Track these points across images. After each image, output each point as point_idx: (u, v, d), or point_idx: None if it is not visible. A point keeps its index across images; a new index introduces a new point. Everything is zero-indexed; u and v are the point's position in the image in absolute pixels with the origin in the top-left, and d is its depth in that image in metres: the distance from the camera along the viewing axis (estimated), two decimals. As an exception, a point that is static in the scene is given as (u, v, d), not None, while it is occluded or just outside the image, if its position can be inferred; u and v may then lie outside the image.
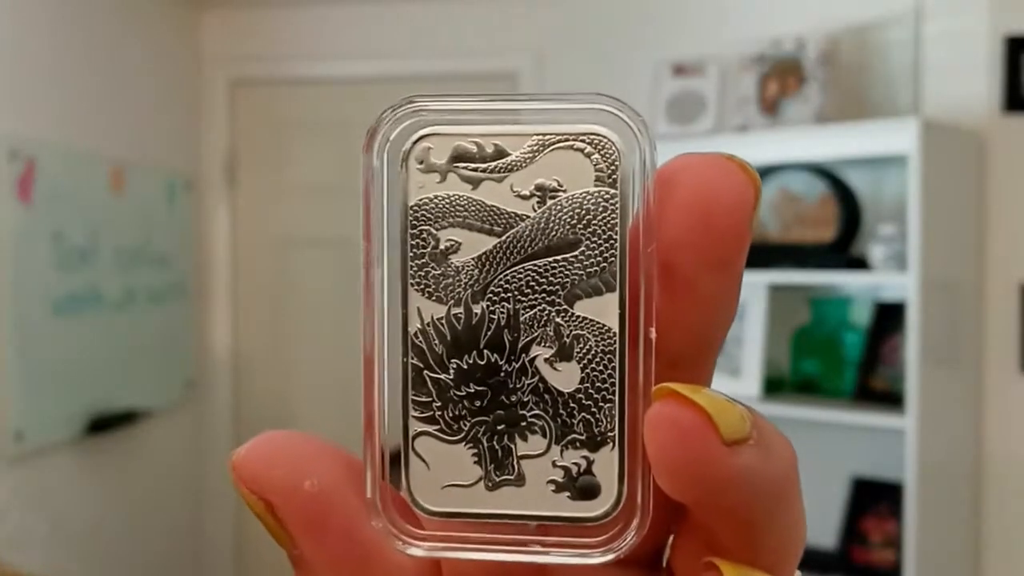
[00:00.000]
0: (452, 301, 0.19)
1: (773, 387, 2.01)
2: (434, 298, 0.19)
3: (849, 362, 1.99)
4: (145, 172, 2.43)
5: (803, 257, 1.93)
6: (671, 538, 0.20)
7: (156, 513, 2.50)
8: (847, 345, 2.01)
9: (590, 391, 0.18)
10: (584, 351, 0.18)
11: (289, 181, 2.71)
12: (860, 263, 1.89)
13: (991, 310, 1.89)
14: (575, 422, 0.18)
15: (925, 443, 1.72)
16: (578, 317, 0.18)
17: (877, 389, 1.92)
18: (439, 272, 0.19)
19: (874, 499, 1.96)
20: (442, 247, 0.19)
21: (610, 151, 0.18)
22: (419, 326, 0.19)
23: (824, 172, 1.97)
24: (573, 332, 0.18)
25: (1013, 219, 1.88)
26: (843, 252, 1.93)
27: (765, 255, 1.98)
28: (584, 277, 0.18)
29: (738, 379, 1.97)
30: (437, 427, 0.19)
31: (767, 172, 2.03)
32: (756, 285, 2.00)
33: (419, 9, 2.57)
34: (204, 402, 2.70)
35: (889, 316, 1.94)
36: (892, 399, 1.83)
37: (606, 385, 0.18)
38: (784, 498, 0.18)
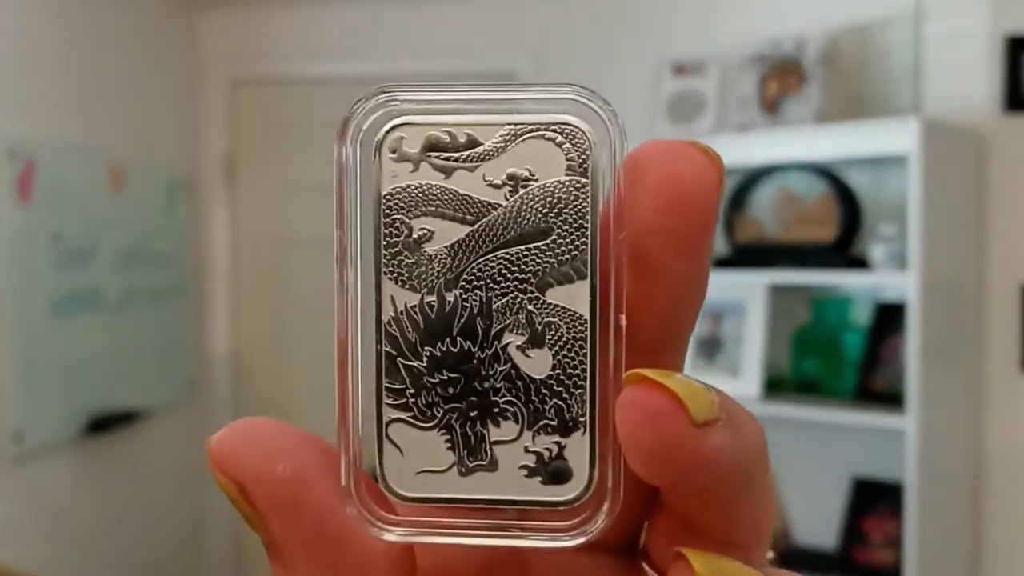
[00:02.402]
0: (425, 289, 0.19)
1: (773, 387, 2.01)
2: (407, 286, 0.19)
3: (849, 362, 1.99)
4: (144, 172, 2.43)
5: (803, 257, 1.93)
6: (646, 524, 0.20)
7: (156, 513, 2.50)
8: (847, 345, 2.01)
9: (562, 377, 0.19)
10: (556, 338, 0.19)
11: (289, 181, 2.71)
12: (860, 263, 1.89)
13: (991, 310, 1.89)
14: (547, 408, 0.19)
15: (925, 443, 1.72)
16: (550, 304, 0.19)
17: (877, 389, 1.92)
18: (412, 261, 0.19)
19: (874, 499, 1.96)
20: (415, 236, 0.19)
21: (581, 140, 0.19)
22: (392, 314, 0.19)
23: (824, 172, 1.97)
24: (545, 319, 0.19)
25: (1013, 219, 1.88)
26: (843, 252, 1.93)
27: (765, 255, 1.98)
28: (556, 265, 0.19)
29: (738, 379, 1.96)
30: (410, 414, 0.19)
31: (767, 172, 2.03)
32: (756, 285, 2.00)
33: (419, 9, 2.57)
34: (204, 402, 2.70)
35: (889, 316, 1.94)
36: (892, 399, 1.83)
37: (577, 371, 0.19)
38: (755, 477, 0.18)
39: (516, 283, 0.19)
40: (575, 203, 0.19)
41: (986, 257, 1.90)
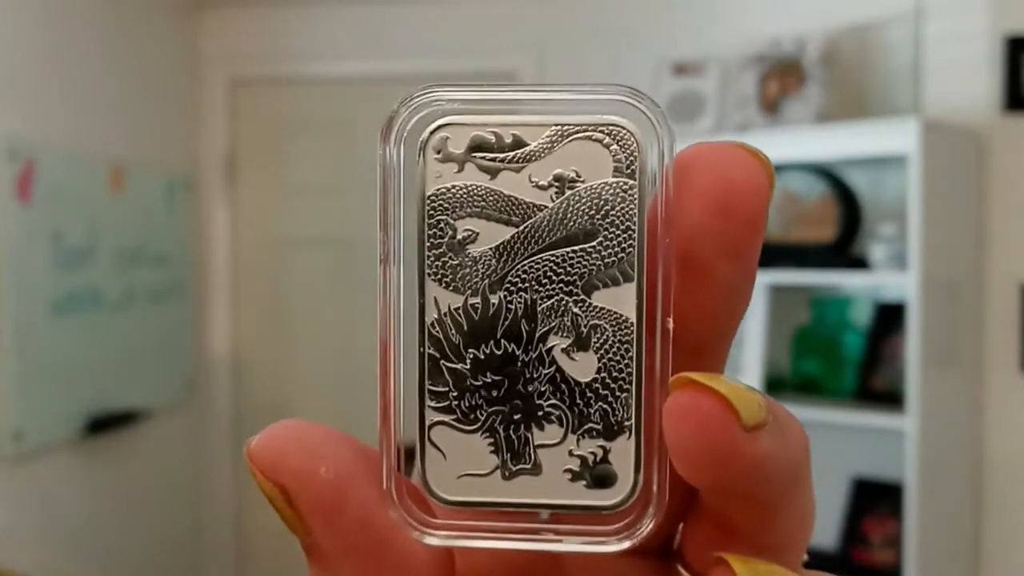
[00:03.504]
0: (469, 291, 0.19)
1: (773, 387, 2.01)
2: (451, 288, 0.19)
3: (849, 362, 1.99)
4: (144, 172, 2.42)
5: (803, 257, 1.93)
6: (681, 525, 0.20)
7: (156, 513, 2.50)
8: (847, 345, 2.01)
9: (607, 381, 0.18)
10: (601, 341, 0.19)
11: (289, 181, 2.71)
12: (860, 263, 1.89)
13: (991, 310, 1.89)
14: (592, 411, 0.18)
15: (925, 443, 1.72)
16: (595, 307, 0.19)
17: (877, 389, 1.92)
18: (456, 262, 0.19)
19: (874, 499, 1.96)
20: (459, 237, 0.19)
21: (628, 142, 0.18)
22: (436, 316, 0.19)
23: (824, 172, 1.97)
24: (590, 322, 0.19)
25: (1013, 219, 1.88)
26: (843, 252, 1.93)
27: (765, 255, 1.94)
28: (602, 267, 0.18)
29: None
30: (453, 417, 0.19)
31: (767, 172, 2.03)
32: (756, 285, 1.99)
33: (419, 9, 2.57)
34: (203, 402, 2.70)
35: (889, 316, 1.94)
36: (892, 399, 1.83)
37: (623, 375, 0.18)
38: (798, 480, 0.18)
39: (561, 285, 0.19)
40: (622, 205, 0.18)
41: (986, 257, 1.90)
